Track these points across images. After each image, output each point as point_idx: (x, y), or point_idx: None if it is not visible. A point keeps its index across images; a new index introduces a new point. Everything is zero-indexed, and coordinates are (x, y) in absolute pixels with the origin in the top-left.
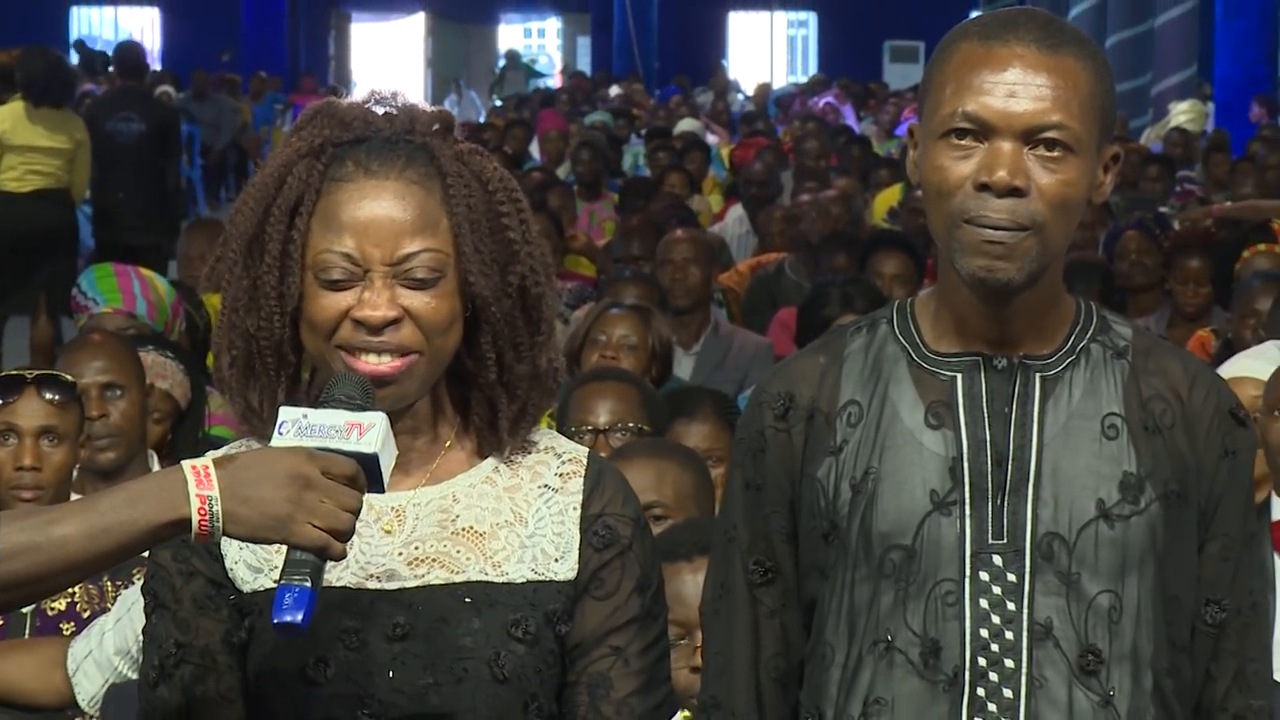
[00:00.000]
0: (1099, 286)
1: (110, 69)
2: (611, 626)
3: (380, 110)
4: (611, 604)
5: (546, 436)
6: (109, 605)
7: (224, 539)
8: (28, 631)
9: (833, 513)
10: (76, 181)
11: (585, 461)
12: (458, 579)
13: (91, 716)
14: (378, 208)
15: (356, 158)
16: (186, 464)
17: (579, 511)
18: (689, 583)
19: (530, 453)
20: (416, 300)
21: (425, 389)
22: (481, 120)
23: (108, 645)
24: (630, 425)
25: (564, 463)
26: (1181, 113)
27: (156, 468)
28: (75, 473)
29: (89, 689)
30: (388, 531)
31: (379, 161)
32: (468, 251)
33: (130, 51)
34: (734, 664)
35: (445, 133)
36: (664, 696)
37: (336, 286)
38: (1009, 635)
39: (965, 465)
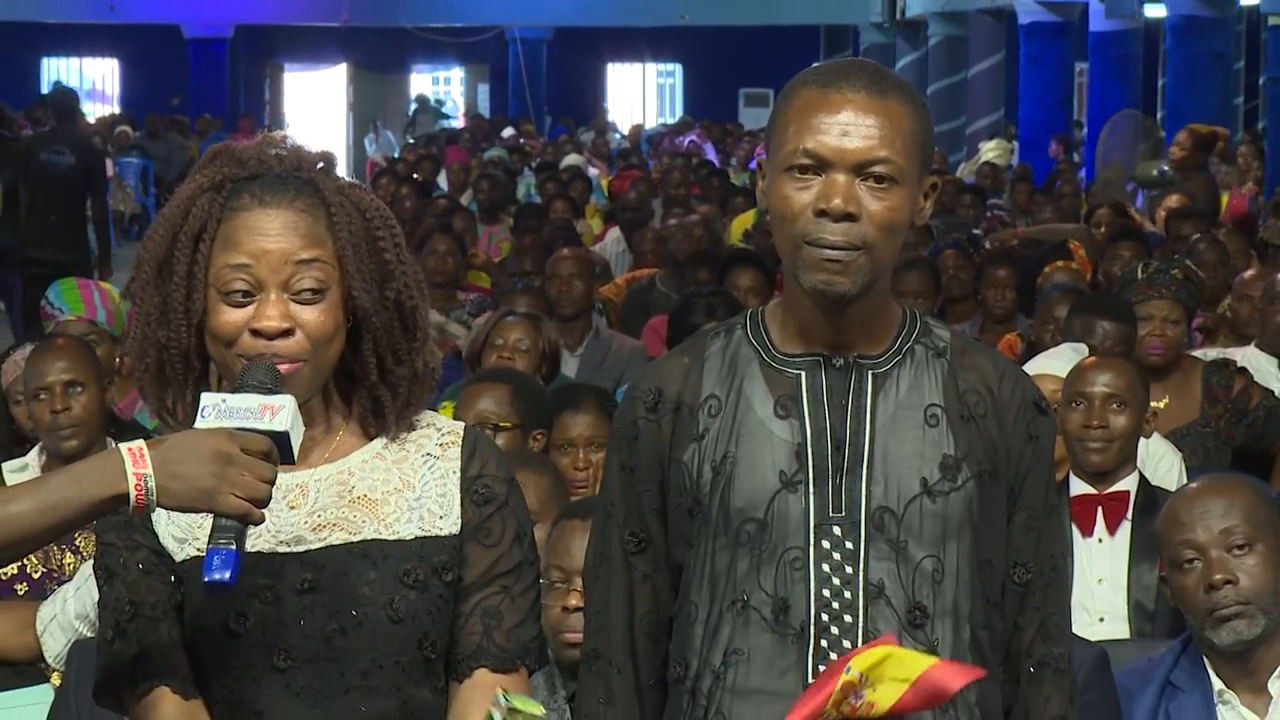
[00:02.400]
0: None
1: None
2: (500, 570)
3: (272, 151)
4: (498, 550)
5: (428, 415)
6: (53, 566)
7: (153, 518)
8: None
9: (696, 491)
10: None
11: (461, 433)
12: (355, 539)
13: (58, 670)
14: (271, 232)
15: (252, 191)
16: (123, 446)
17: (459, 475)
18: (577, 538)
19: (415, 429)
20: (306, 314)
21: (313, 391)
22: (396, 155)
23: (70, 610)
24: (493, 423)
25: (443, 435)
26: (990, 150)
27: None
28: (44, 459)
29: (54, 647)
30: (293, 507)
31: (271, 194)
32: (350, 269)
33: (62, 97)
34: (611, 621)
35: (328, 170)
36: (539, 629)
37: (236, 302)
38: (847, 594)
39: (809, 449)
